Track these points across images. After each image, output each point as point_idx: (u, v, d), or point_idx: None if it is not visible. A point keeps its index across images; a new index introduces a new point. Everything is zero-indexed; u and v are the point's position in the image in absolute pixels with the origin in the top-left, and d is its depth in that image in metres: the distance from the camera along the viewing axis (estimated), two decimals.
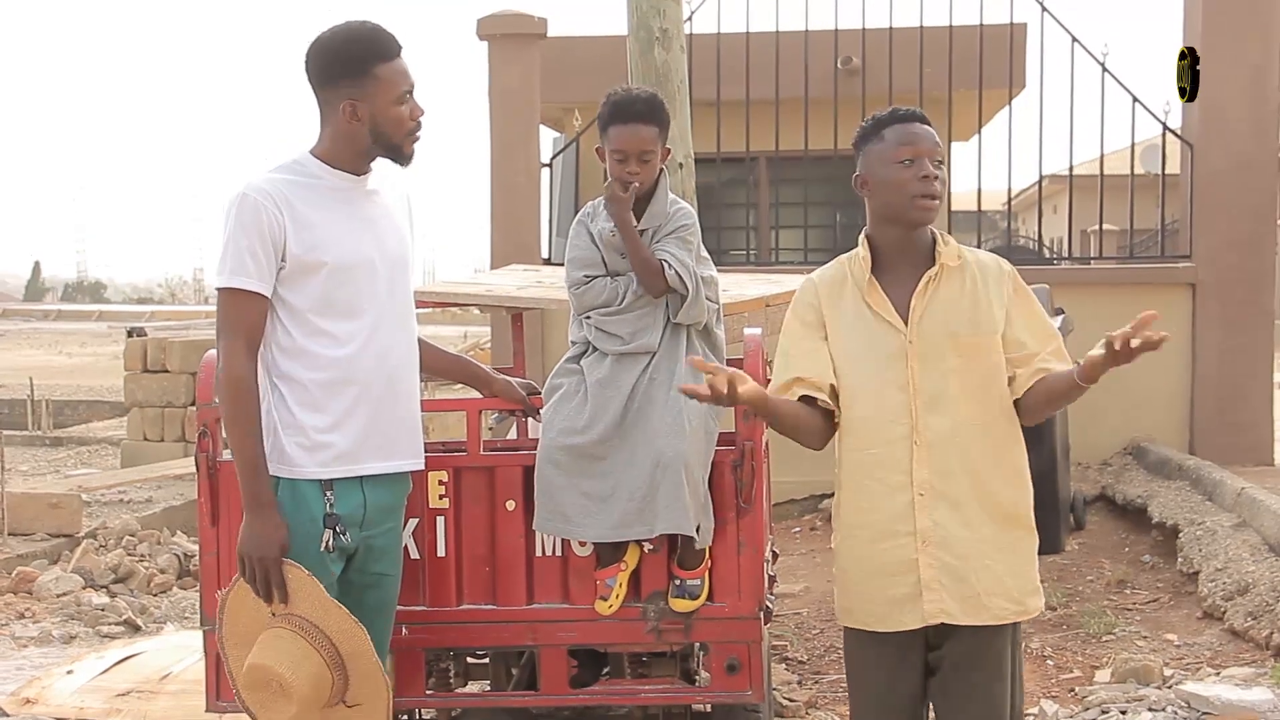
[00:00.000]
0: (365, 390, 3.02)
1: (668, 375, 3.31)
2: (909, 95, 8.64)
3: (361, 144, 3.01)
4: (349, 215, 3.03)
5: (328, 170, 3.03)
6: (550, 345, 8.57)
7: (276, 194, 2.94)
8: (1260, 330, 8.52)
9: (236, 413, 2.93)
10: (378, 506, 3.08)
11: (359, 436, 3.01)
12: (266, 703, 2.92)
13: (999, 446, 2.82)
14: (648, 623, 3.39)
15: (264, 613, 2.95)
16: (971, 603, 2.77)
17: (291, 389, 2.99)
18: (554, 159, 10.06)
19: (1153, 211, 9.99)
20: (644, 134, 3.31)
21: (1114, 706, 4.58)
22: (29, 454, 12.89)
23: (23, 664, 5.75)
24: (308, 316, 2.98)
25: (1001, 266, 2.90)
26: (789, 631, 5.93)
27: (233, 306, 2.95)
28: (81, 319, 43.64)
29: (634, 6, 5.69)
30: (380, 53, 2.97)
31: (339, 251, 2.98)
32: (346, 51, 2.97)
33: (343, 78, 2.97)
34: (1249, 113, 8.44)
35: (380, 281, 3.06)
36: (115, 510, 8.88)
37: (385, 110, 2.97)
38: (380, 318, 3.05)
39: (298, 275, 2.96)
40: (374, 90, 2.96)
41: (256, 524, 2.91)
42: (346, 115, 2.97)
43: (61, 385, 18.97)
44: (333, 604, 2.94)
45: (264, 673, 2.90)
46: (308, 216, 2.96)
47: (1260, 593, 5.38)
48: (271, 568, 2.91)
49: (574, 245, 3.46)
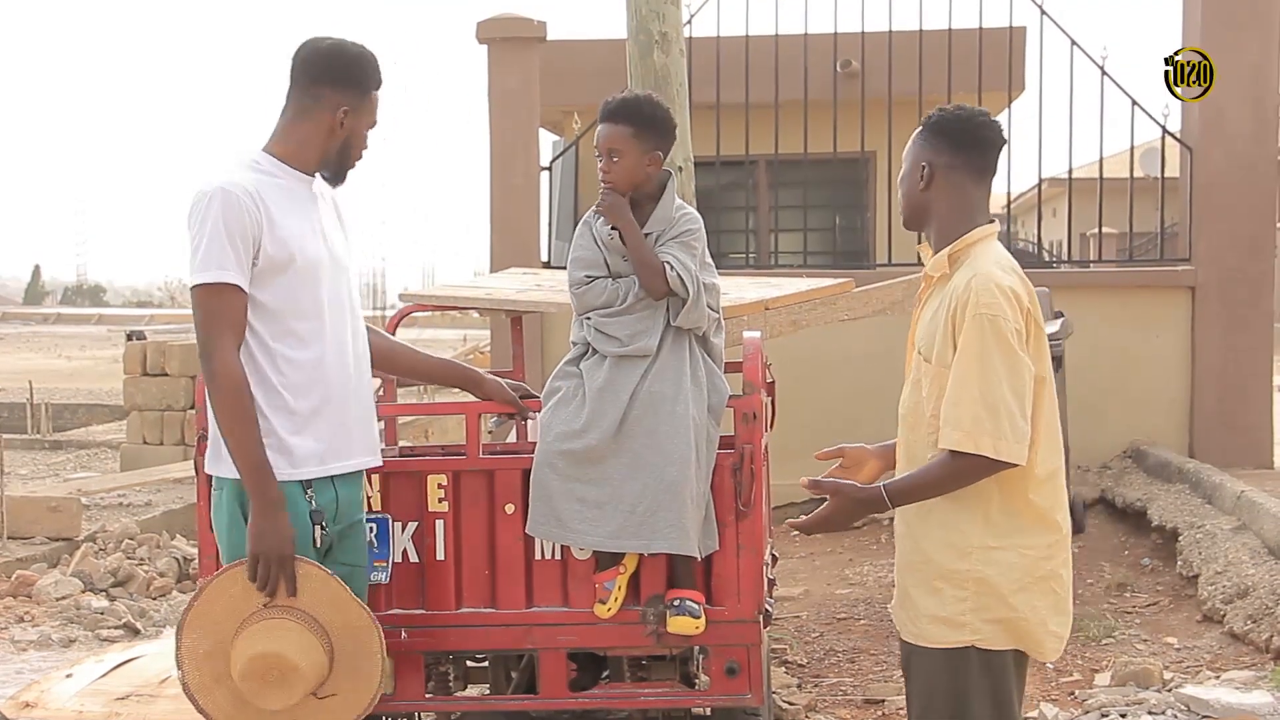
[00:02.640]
0: (329, 390, 3.03)
1: (668, 381, 3.31)
2: (908, 98, 8.66)
3: (329, 152, 3.07)
4: (304, 215, 3.05)
5: (283, 169, 3.05)
6: (549, 348, 8.57)
7: (254, 191, 2.95)
8: (1260, 333, 8.52)
9: (238, 412, 2.91)
10: (347, 500, 3.12)
11: (326, 437, 3.02)
12: (263, 690, 2.92)
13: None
14: (647, 626, 3.38)
15: (248, 605, 2.94)
16: (898, 616, 2.86)
17: (262, 391, 2.97)
18: (553, 162, 10.07)
19: (1152, 214, 9.99)
20: (613, 132, 3.33)
21: (1114, 710, 4.57)
22: (28, 457, 12.88)
23: (22, 668, 5.75)
24: (276, 316, 2.98)
25: (968, 303, 2.65)
26: (788, 635, 5.93)
27: (217, 302, 2.92)
28: (81, 322, 43.64)
29: (633, 10, 5.69)
30: (379, 81, 3.12)
31: (303, 250, 3.00)
32: (358, 66, 3.08)
33: (347, 86, 3.05)
34: (1248, 115, 8.44)
35: (333, 282, 3.08)
36: (115, 514, 8.88)
37: (361, 132, 3.11)
38: (336, 318, 3.07)
39: (269, 274, 2.96)
40: (365, 110, 3.09)
41: (269, 523, 2.90)
42: (335, 120, 3.04)
43: (61, 389, 18.97)
44: (351, 599, 2.97)
45: (275, 660, 2.90)
46: (277, 214, 2.97)
47: (1260, 596, 5.37)
48: (287, 564, 2.91)
49: (577, 245, 3.47)
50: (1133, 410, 8.48)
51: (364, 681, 3.00)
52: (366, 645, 2.99)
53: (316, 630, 2.95)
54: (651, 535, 3.25)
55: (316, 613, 2.95)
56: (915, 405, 2.80)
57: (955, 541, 2.71)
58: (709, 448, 3.35)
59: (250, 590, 2.94)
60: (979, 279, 2.65)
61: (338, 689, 2.99)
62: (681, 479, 3.24)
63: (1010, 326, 2.61)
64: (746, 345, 3.55)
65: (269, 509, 2.91)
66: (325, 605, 2.96)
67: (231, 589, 2.96)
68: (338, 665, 2.98)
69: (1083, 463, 8.29)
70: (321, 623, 2.95)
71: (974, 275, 2.67)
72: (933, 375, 2.72)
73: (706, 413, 3.35)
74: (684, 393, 3.30)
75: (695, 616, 3.34)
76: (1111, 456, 8.47)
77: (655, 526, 3.24)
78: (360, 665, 2.99)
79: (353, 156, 3.12)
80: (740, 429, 3.44)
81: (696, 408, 3.31)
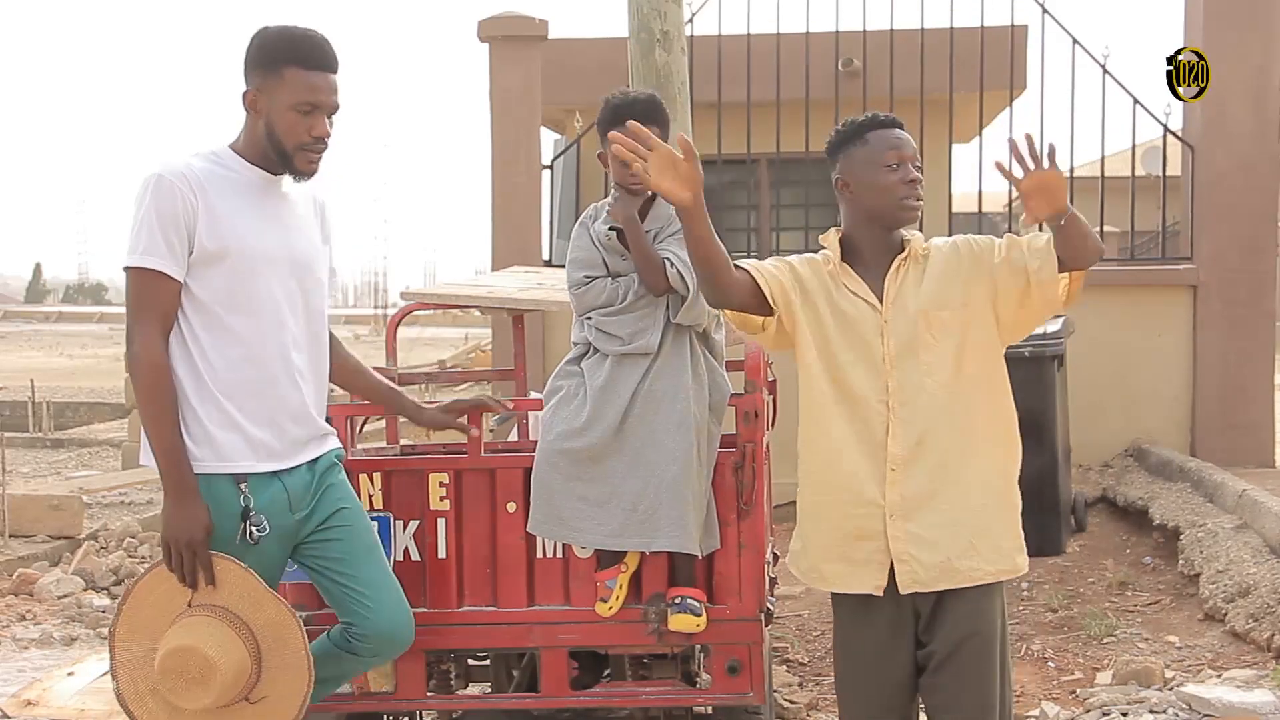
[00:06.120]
0: (262, 388, 2.98)
1: (669, 380, 3.31)
2: (910, 97, 8.66)
3: (260, 141, 3.01)
4: (259, 211, 3.01)
5: (243, 164, 3.03)
6: (551, 347, 8.57)
7: (192, 178, 2.92)
8: (1262, 332, 8.51)
9: (154, 398, 2.87)
10: (300, 485, 3.04)
11: (256, 434, 2.96)
12: (182, 689, 2.85)
13: (972, 419, 2.89)
14: (648, 624, 3.38)
15: (175, 604, 2.90)
16: (943, 568, 2.84)
17: (191, 381, 2.94)
18: (555, 161, 10.06)
19: (1154, 213, 9.99)
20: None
21: (1115, 708, 4.57)
22: (30, 456, 12.89)
23: (24, 666, 5.75)
24: (210, 309, 2.94)
25: (974, 244, 2.98)
26: (790, 633, 5.93)
27: (145, 287, 2.90)
28: (83, 321, 43.67)
29: (635, 9, 5.69)
30: (297, 58, 2.97)
31: (244, 244, 2.96)
32: (268, 46, 3.00)
33: (256, 69, 3.00)
34: (1250, 114, 8.43)
35: (286, 280, 3.03)
36: (116, 512, 8.88)
37: (281, 112, 2.97)
38: (283, 317, 3.02)
39: (202, 265, 2.92)
40: (276, 88, 2.97)
41: (179, 510, 2.87)
42: (249, 105, 3.00)
43: (62, 387, 18.99)
44: (268, 594, 2.92)
45: (190, 656, 2.83)
46: (218, 205, 2.94)
47: (1261, 595, 5.37)
48: (199, 551, 2.86)
49: (575, 246, 3.47)
50: (1134, 409, 8.48)
51: (293, 680, 2.93)
52: (289, 641, 2.92)
53: (239, 627, 2.89)
54: (653, 533, 3.26)
55: (239, 610, 2.90)
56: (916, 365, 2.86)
57: (1011, 471, 2.95)
58: (710, 446, 3.36)
59: (176, 589, 2.89)
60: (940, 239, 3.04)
61: (269, 691, 2.93)
62: (683, 477, 3.24)
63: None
64: (748, 344, 3.56)
65: (181, 495, 2.88)
66: (244, 601, 2.90)
67: (158, 588, 2.92)
68: (266, 665, 2.92)
69: (1084, 461, 8.29)
70: (244, 620, 2.89)
71: (937, 239, 3.02)
72: (946, 322, 2.88)
73: (708, 411, 3.36)
74: (685, 390, 3.30)
75: (697, 615, 3.34)
76: (1113, 455, 8.47)
77: (657, 525, 3.25)
78: (287, 662, 2.93)
79: (285, 141, 2.98)
80: (742, 427, 3.45)
81: (698, 406, 3.31)
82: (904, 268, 2.93)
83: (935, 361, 2.87)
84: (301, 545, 3.09)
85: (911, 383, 2.87)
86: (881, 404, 2.87)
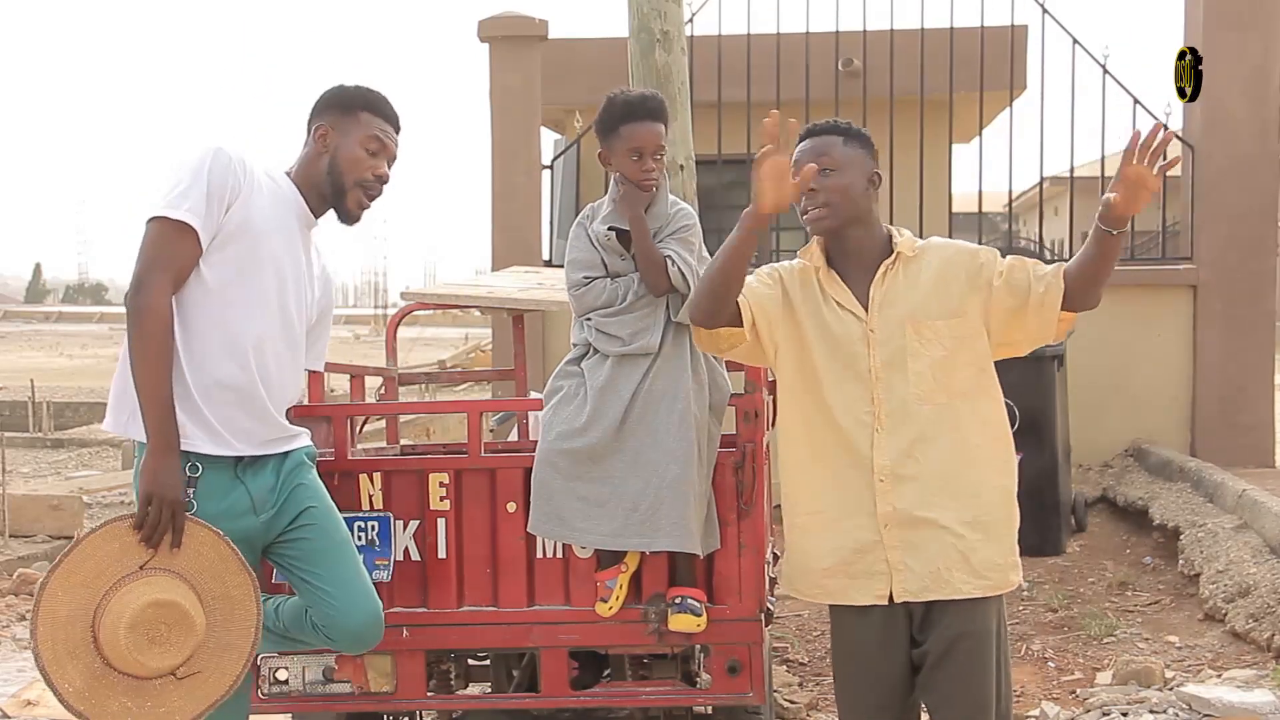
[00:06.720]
0: (235, 378, 2.94)
1: (670, 380, 3.31)
2: (910, 97, 8.67)
3: (319, 175, 3.11)
4: (282, 224, 3.06)
5: (291, 186, 3.13)
6: (551, 347, 8.57)
7: (248, 164, 2.99)
8: (1261, 332, 8.52)
9: (150, 343, 2.81)
10: (264, 487, 3.01)
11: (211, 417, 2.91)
12: (147, 645, 2.72)
13: (962, 431, 2.86)
14: (648, 624, 3.38)
15: (125, 564, 2.77)
16: (934, 578, 2.83)
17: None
18: (555, 161, 10.06)
19: (1154, 213, 9.97)
20: (655, 131, 3.33)
21: (1115, 708, 4.57)
22: (30, 456, 12.90)
23: (24, 666, 5.75)
24: (208, 288, 2.92)
25: (977, 254, 2.94)
26: (790, 633, 5.93)
27: (170, 240, 2.86)
28: (83, 321, 43.68)
29: (635, 8, 5.69)
30: (371, 107, 3.16)
31: (258, 239, 2.98)
32: (347, 94, 3.18)
33: (330, 109, 3.15)
34: (1250, 114, 8.44)
35: (281, 294, 3.05)
36: (116, 512, 8.88)
37: (350, 148, 3.12)
38: (268, 325, 3.02)
39: (217, 248, 2.92)
40: (350, 126, 3.12)
41: (163, 464, 2.79)
42: (317, 138, 3.12)
43: (63, 387, 19.01)
44: (239, 569, 2.85)
45: (171, 611, 2.73)
46: (254, 199, 2.98)
47: (1261, 595, 5.37)
48: (178, 511, 2.80)
49: (574, 247, 3.47)
50: (1134, 409, 8.49)
51: (229, 661, 2.84)
52: (239, 619, 2.84)
53: (197, 594, 2.81)
54: (653, 533, 3.26)
55: (193, 577, 2.81)
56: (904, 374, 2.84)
57: (1009, 486, 2.92)
58: (710, 446, 3.36)
59: (130, 548, 2.78)
60: (951, 242, 3.02)
61: (201, 666, 2.80)
62: (683, 477, 3.24)
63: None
64: None
65: (166, 449, 2.81)
66: (204, 570, 2.82)
67: (108, 545, 2.77)
68: (205, 640, 2.81)
69: (1084, 461, 8.30)
70: (197, 588, 2.81)
71: (936, 240, 3.01)
72: (937, 330, 2.85)
73: (708, 410, 3.36)
74: (685, 390, 3.30)
75: (697, 615, 3.34)
76: (1113, 455, 8.48)
77: (657, 525, 3.24)
78: (230, 640, 2.85)
79: (346, 176, 3.10)
80: (742, 427, 3.45)
81: (698, 405, 3.31)
82: (892, 271, 2.91)
83: (924, 371, 2.85)
84: (273, 545, 3.09)
85: (898, 394, 2.85)
86: (868, 415, 2.85)
